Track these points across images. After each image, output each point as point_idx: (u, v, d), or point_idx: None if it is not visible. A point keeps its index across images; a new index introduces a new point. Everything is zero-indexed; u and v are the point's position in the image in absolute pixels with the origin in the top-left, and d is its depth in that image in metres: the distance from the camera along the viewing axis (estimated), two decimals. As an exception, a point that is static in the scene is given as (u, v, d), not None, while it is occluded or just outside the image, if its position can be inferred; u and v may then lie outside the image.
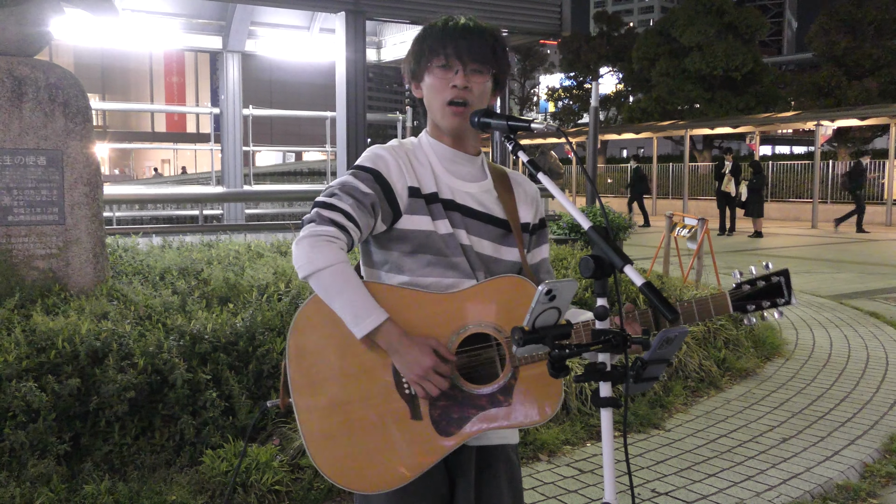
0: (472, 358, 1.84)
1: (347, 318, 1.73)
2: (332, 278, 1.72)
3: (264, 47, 12.62)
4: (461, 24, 1.88)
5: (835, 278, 11.21)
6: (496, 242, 1.92)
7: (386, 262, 1.88)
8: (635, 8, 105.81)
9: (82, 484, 3.35)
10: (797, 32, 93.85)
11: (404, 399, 1.78)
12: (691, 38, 32.10)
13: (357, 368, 1.78)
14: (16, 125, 4.74)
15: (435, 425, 1.79)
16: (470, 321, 1.82)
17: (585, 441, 4.41)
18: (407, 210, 1.84)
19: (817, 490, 3.81)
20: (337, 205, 1.77)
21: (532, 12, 10.82)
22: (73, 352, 3.67)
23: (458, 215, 1.88)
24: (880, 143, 29.65)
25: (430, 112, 1.91)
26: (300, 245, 1.74)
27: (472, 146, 1.95)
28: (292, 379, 1.77)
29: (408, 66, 1.94)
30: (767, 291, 1.85)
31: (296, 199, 15.31)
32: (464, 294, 1.83)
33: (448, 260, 1.85)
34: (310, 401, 1.77)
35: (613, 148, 45.13)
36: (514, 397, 1.83)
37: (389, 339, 1.74)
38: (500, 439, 1.94)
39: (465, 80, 1.84)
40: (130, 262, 5.79)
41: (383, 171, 1.84)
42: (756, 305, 1.86)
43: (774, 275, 1.86)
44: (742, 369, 5.87)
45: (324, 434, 1.76)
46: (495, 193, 1.95)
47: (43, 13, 4.96)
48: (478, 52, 1.85)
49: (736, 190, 18.87)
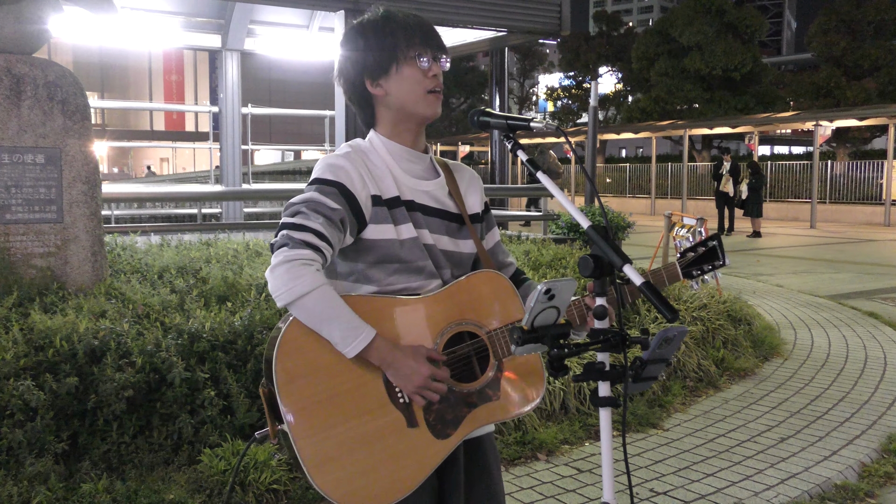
0: (458, 357, 1.85)
1: (336, 339, 1.69)
2: (315, 304, 1.67)
3: (263, 46, 12.62)
4: (411, 14, 1.89)
5: (833, 278, 11.21)
6: (453, 237, 1.94)
7: (351, 272, 1.86)
8: (635, 7, 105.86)
9: (80, 483, 3.34)
10: (796, 32, 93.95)
11: (399, 409, 1.76)
12: (690, 38, 32.13)
13: (349, 386, 1.74)
14: (14, 123, 4.74)
15: (431, 430, 1.78)
16: (451, 321, 1.84)
17: (584, 440, 4.41)
18: (371, 219, 1.82)
19: (815, 490, 3.81)
20: (307, 225, 1.72)
21: (531, 11, 10.82)
22: (72, 350, 3.66)
23: (419, 215, 1.88)
24: (879, 144, 29.67)
25: (399, 106, 1.86)
26: (276, 272, 1.68)
27: (423, 143, 1.96)
28: (285, 405, 1.70)
29: (363, 62, 1.87)
30: (706, 256, 2.04)
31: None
32: (440, 295, 1.84)
33: (413, 265, 1.84)
34: (305, 424, 1.70)
35: (612, 147, 45.14)
36: (501, 390, 1.87)
37: (382, 355, 1.72)
38: (483, 430, 1.96)
39: (440, 68, 1.88)
40: (129, 260, 5.78)
41: (346, 182, 1.79)
42: (700, 270, 2.05)
43: (709, 240, 2.05)
44: (740, 369, 5.87)
45: (324, 457, 1.71)
46: (447, 189, 1.96)
47: (41, 10, 4.95)
48: (441, 41, 1.90)
49: (734, 190, 18.87)
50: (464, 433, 1.82)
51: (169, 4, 11.40)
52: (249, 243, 6.82)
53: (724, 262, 2.05)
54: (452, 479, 1.91)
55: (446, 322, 1.83)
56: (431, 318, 1.82)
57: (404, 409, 1.77)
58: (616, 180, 32.75)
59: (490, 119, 1.81)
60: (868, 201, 23.30)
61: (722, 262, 2.05)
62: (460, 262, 1.94)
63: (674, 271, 2.00)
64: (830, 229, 20.33)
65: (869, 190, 23.45)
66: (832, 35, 29.22)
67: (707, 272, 2.06)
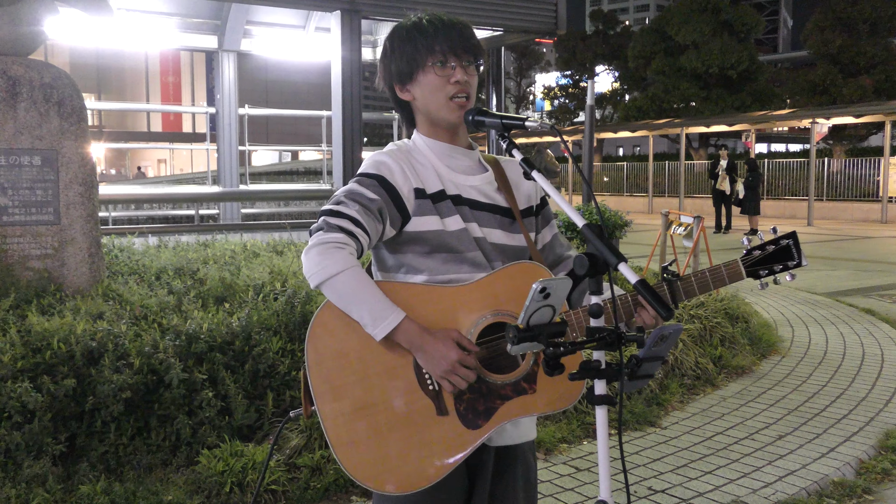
0: (493, 348, 1.83)
1: (365, 321, 1.73)
2: (344, 284, 1.72)
3: (260, 46, 12.59)
4: (443, 19, 1.88)
5: (830, 275, 11.23)
6: (506, 231, 1.93)
7: (401, 265, 1.88)
8: (631, 6, 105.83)
9: (78, 484, 3.34)
10: (792, 30, 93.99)
11: (428, 396, 1.77)
12: (687, 37, 32.15)
13: (378, 370, 1.77)
14: (10, 125, 4.73)
15: (462, 419, 1.78)
16: (486, 311, 1.82)
17: (582, 439, 4.42)
18: (415, 212, 1.85)
19: (813, 487, 3.82)
20: (343, 211, 1.77)
21: (528, 11, 10.81)
22: (69, 352, 3.66)
23: (467, 209, 1.89)
24: (876, 141, 29.70)
25: (425, 111, 1.91)
26: (309, 254, 1.74)
27: (466, 140, 1.96)
28: (314, 386, 1.76)
29: (391, 69, 1.92)
30: (777, 255, 1.88)
31: (292, 198, 15.29)
32: (477, 284, 1.83)
33: (463, 255, 1.85)
34: (334, 407, 1.75)
35: (610, 146, 45.16)
36: (538, 384, 1.83)
37: (410, 337, 1.73)
38: (520, 437, 1.93)
39: (465, 74, 1.86)
40: (126, 261, 5.78)
41: (387, 175, 1.84)
42: (769, 270, 1.88)
43: (783, 238, 1.88)
44: (738, 367, 5.88)
45: (351, 439, 1.75)
46: (496, 184, 1.96)
47: (37, 13, 4.95)
48: (469, 44, 1.88)
49: (731, 188, 18.88)
50: (495, 424, 1.80)
51: (165, 5, 11.38)
52: (247, 244, 6.82)
53: (800, 262, 1.87)
54: (479, 487, 1.90)
55: (482, 311, 1.81)
56: (467, 305, 1.81)
57: (434, 396, 1.77)
58: (613, 179, 32.77)
59: (485, 118, 1.82)
60: (865, 198, 23.34)
61: (798, 262, 1.87)
62: (515, 255, 1.93)
63: (736, 269, 1.87)
64: (827, 226, 20.36)
65: (865, 187, 23.49)
66: (828, 32, 29.22)
67: (778, 272, 1.88)
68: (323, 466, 3.61)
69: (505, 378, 1.81)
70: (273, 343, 4.05)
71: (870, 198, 23.08)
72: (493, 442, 1.88)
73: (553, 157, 16.86)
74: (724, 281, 1.86)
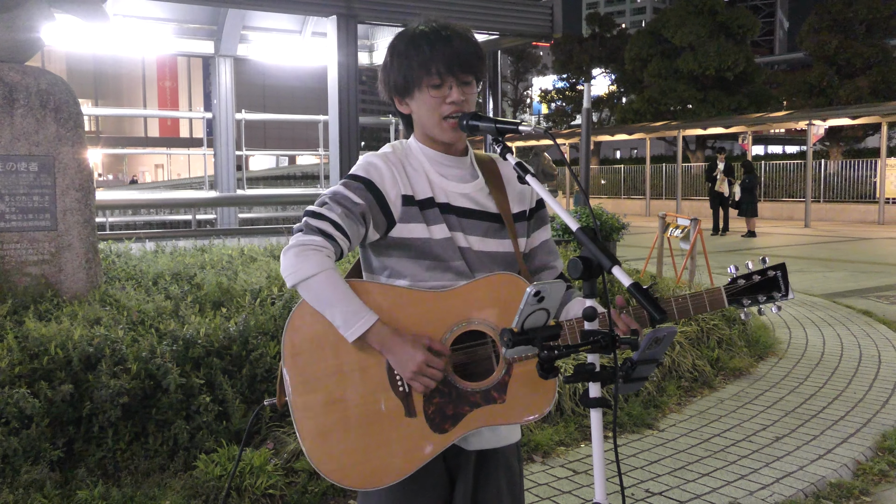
0: (467, 355, 1.85)
1: (338, 323, 1.76)
2: (319, 286, 1.75)
3: (256, 51, 12.60)
4: (442, 34, 1.84)
5: (827, 277, 11.24)
6: (491, 237, 1.93)
7: (385, 268, 1.90)
8: (627, 9, 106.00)
9: (76, 490, 3.34)
10: (789, 32, 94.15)
11: (398, 396, 1.80)
12: (683, 39, 32.21)
13: (351, 366, 1.80)
14: (7, 131, 4.74)
15: (429, 422, 1.80)
16: (463, 318, 1.83)
17: (579, 442, 4.42)
18: (401, 218, 1.85)
19: (810, 488, 3.82)
20: (325, 214, 1.80)
21: (524, 14, 10.82)
22: (66, 357, 3.66)
23: (454, 218, 1.90)
24: (872, 142, 29.76)
25: (422, 125, 1.91)
26: (287, 254, 1.78)
27: (462, 145, 1.96)
28: (289, 377, 1.80)
29: (390, 81, 1.91)
30: (763, 286, 1.84)
31: (289, 202, 15.29)
32: (457, 292, 1.84)
33: (447, 264, 1.87)
34: (305, 398, 1.79)
35: (607, 149, 45.23)
36: (508, 394, 1.84)
37: (381, 339, 1.76)
38: (500, 441, 1.94)
39: (460, 95, 1.84)
40: (123, 267, 5.78)
41: (376, 180, 1.85)
42: (752, 300, 1.84)
43: (770, 269, 1.84)
44: (735, 369, 5.89)
45: (319, 431, 1.78)
46: (487, 190, 1.96)
47: (33, 19, 4.96)
48: (466, 63, 1.85)
49: (729, 190, 18.91)
50: (463, 431, 1.82)
51: (161, 11, 11.38)
52: (244, 249, 6.81)
53: (786, 295, 1.83)
54: (460, 489, 1.91)
55: (458, 319, 1.83)
56: (443, 312, 1.83)
57: (404, 397, 1.80)
58: (611, 182, 32.79)
59: (479, 123, 1.82)
60: (862, 200, 23.38)
61: (784, 294, 1.83)
62: (502, 261, 1.93)
63: (718, 297, 1.84)
64: (824, 228, 20.39)
65: (862, 188, 23.53)
66: (824, 34, 29.30)
67: (763, 303, 1.83)
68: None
69: (475, 386, 1.83)
70: (270, 348, 4.05)
71: (866, 199, 23.12)
72: (472, 446, 1.90)
73: (550, 161, 16.87)
74: (706, 308, 1.84)
